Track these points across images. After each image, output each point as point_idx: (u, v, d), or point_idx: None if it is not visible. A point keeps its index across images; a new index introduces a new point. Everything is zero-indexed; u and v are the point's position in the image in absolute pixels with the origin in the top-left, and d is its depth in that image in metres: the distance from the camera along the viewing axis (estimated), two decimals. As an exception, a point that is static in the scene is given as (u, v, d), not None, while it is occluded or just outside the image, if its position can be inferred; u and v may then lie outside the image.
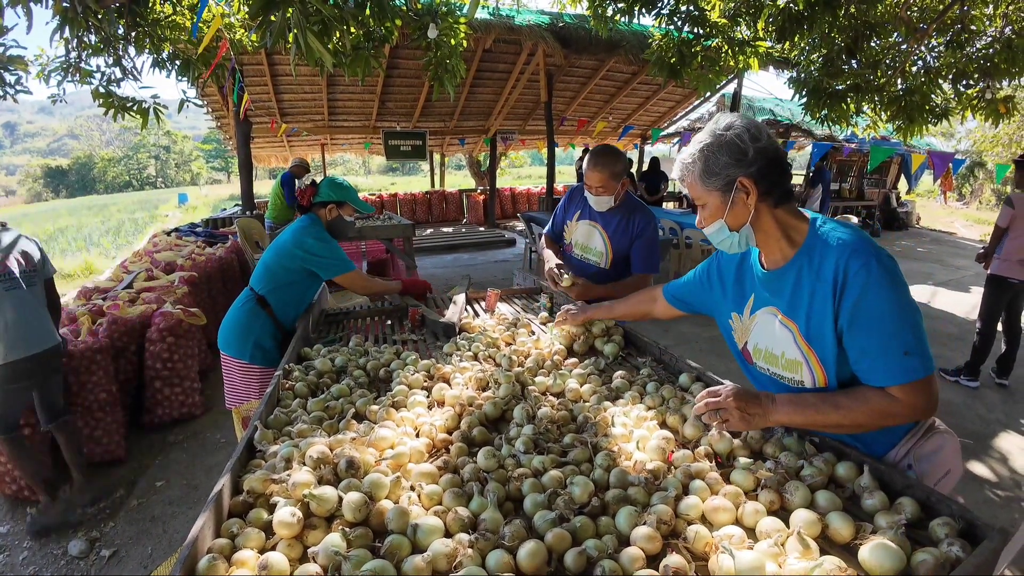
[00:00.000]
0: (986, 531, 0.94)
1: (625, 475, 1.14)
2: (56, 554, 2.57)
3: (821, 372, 1.21)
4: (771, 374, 1.33)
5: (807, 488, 1.07)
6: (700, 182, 1.25)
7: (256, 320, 2.38)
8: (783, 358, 1.28)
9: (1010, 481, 3.12)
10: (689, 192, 1.30)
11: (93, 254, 10.72)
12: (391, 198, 13.56)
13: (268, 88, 9.35)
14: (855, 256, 1.12)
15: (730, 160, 1.19)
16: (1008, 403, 4.13)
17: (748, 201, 1.21)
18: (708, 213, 1.28)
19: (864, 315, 1.11)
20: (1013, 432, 3.67)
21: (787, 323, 1.26)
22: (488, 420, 1.46)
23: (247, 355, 2.36)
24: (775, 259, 1.29)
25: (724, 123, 1.23)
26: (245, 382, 2.41)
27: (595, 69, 10.96)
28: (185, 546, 0.93)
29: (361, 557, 0.90)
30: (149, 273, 4.64)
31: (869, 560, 0.89)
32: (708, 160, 1.22)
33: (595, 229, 2.49)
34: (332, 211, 2.49)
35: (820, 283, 1.18)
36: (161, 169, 47.56)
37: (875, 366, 1.12)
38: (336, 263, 2.42)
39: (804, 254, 1.22)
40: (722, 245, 1.31)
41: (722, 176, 1.21)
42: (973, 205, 22.39)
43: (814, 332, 1.20)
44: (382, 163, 53.53)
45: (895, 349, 1.09)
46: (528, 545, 0.92)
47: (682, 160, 1.28)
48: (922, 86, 4.83)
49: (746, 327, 1.41)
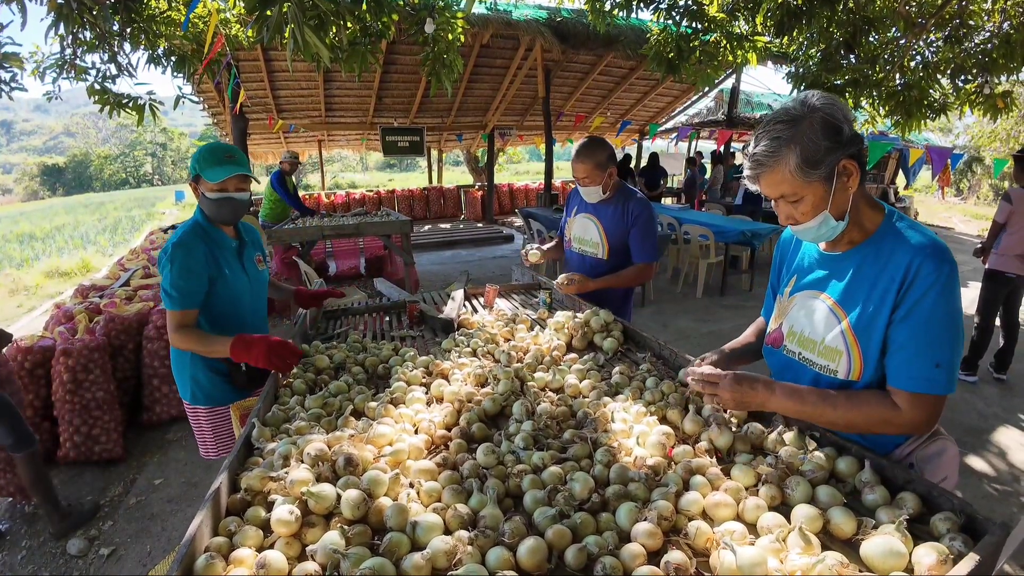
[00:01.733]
0: (987, 526, 0.93)
1: (625, 471, 1.13)
2: (54, 553, 2.57)
3: (859, 365, 1.17)
4: (801, 358, 1.29)
5: (808, 483, 1.06)
6: (798, 174, 1.10)
7: (186, 352, 1.91)
8: (821, 344, 1.23)
9: (1008, 476, 3.13)
10: (772, 191, 1.16)
11: (90, 252, 10.69)
12: (389, 194, 13.53)
13: (265, 84, 9.32)
14: (932, 258, 1.08)
15: (830, 143, 1.08)
16: (1006, 398, 4.13)
17: (850, 184, 1.12)
18: (807, 207, 1.14)
19: (918, 314, 1.09)
20: (1011, 427, 3.68)
21: (837, 311, 1.21)
22: (487, 416, 1.45)
23: (188, 394, 1.99)
24: (837, 244, 1.24)
25: (805, 103, 1.11)
26: (196, 425, 2.05)
27: (593, 64, 10.95)
28: (183, 545, 0.93)
29: (360, 555, 0.89)
30: (146, 271, 4.63)
31: (871, 555, 0.89)
32: (806, 147, 1.08)
33: (590, 221, 2.49)
34: (196, 192, 1.87)
35: (884, 277, 1.13)
36: (158, 166, 47.36)
37: (904, 365, 1.10)
38: (165, 292, 1.78)
39: (872, 244, 1.18)
40: (820, 237, 1.20)
41: (826, 163, 1.09)
42: (971, 200, 22.39)
43: (864, 324, 1.16)
44: (380, 159, 53.44)
45: (929, 357, 1.08)
46: (528, 542, 0.91)
47: (762, 155, 1.12)
48: (920, 81, 4.81)
49: (783, 308, 1.37)
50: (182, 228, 1.85)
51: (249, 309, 2.02)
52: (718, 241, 6.53)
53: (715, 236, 6.46)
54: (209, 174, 1.78)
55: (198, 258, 1.80)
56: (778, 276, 1.47)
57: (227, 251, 1.92)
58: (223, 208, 1.84)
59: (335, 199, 12.59)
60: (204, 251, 1.83)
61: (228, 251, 1.93)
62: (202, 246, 1.83)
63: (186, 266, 1.77)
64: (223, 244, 1.91)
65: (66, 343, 3.12)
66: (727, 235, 6.48)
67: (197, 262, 1.80)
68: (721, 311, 6.12)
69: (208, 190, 1.81)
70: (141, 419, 3.62)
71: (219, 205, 1.83)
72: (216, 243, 1.89)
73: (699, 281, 6.73)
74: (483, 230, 11.43)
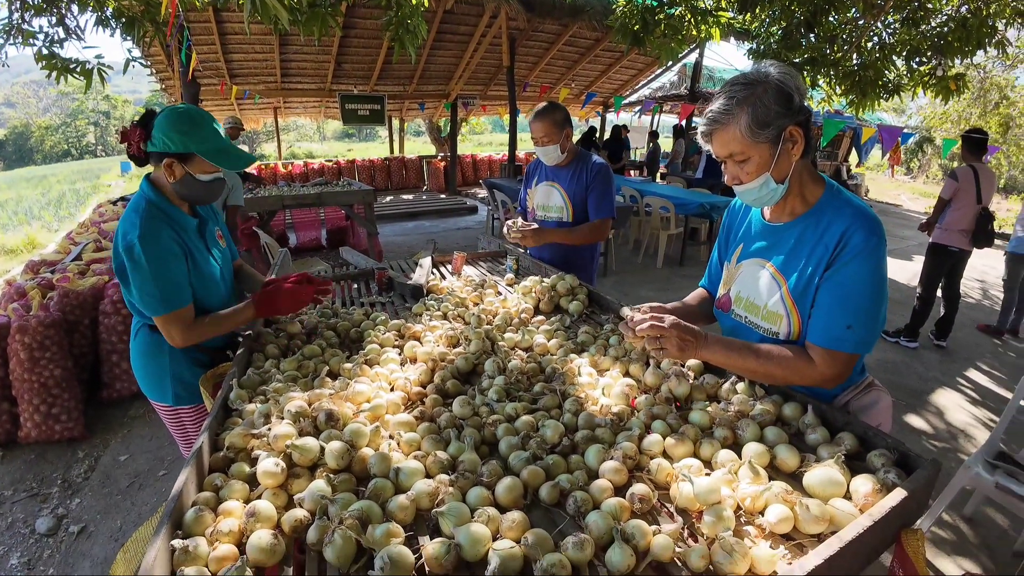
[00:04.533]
0: (919, 462, 1.04)
1: (592, 418, 1.21)
2: (24, 533, 2.52)
3: (798, 327, 1.26)
4: (747, 322, 1.38)
5: (757, 425, 1.17)
6: (747, 134, 1.15)
7: (160, 351, 1.69)
8: (764, 309, 1.32)
9: (946, 433, 3.38)
10: (722, 149, 1.21)
11: (35, 228, 10.11)
12: (349, 164, 13.17)
13: (216, 48, 8.86)
14: (863, 229, 1.16)
15: (780, 109, 1.14)
16: (945, 362, 4.43)
17: (794, 152, 1.19)
18: (752, 167, 1.20)
19: (840, 277, 1.18)
20: (949, 389, 3.95)
21: (778, 277, 1.29)
22: (460, 374, 1.51)
23: (169, 397, 1.74)
24: (781, 214, 1.32)
25: (760, 71, 1.17)
26: (181, 429, 1.84)
27: (558, 34, 10.83)
28: (170, 500, 0.95)
29: (347, 499, 0.94)
30: (98, 244, 4.45)
31: (813, 484, 0.99)
32: (757, 109, 1.14)
33: (552, 188, 2.56)
34: (174, 169, 1.53)
35: (821, 245, 1.21)
36: (101, 136, 44.71)
37: (819, 323, 1.20)
38: (147, 299, 1.50)
39: (812, 215, 1.25)
40: (760, 200, 1.27)
41: (774, 126, 1.15)
42: (920, 179, 23.39)
43: (801, 289, 1.24)
44: (337, 128, 51.68)
45: (843, 318, 1.17)
46: (505, 481, 0.98)
47: (717, 112, 1.18)
48: (876, 62, 4.97)
49: (731, 275, 1.45)
50: (134, 215, 1.51)
51: (224, 292, 1.77)
52: (678, 213, 6.70)
53: (675, 208, 6.62)
54: (219, 156, 1.54)
55: (168, 245, 1.52)
56: (725, 243, 1.55)
57: (189, 231, 1.64)
58: (211, 190, 1.61)
59: (293, 169, 12.19)
60: (170, 235, 1.54)
61: (190, 231, 1.65)
62: (167, 230, 1.54)
63: (160, 258, 1.49)
64: (184, 224, 1.63)
65: (21, 320, 3.01)
66: (687, 207, 6.64)
67: (168, 249, 1.52)
68: (680, 281, 6.32)
69: (201, 171, 1.55)
70: (100, 396, 3.53)
71: (208, 187, 1.59)
72: (177, 224, 1.60)
73: (659, 252, 6.91)
74: (446, 201, 11.33)
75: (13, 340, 3.01)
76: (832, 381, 1.20)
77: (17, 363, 3.01)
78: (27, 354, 2.99)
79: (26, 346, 2.99)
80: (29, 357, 3.00)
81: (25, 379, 3.01)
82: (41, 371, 3.04)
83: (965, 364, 4.41)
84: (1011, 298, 4.85)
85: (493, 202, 7.96)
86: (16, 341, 3.00)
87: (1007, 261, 4.70)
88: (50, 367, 3.07)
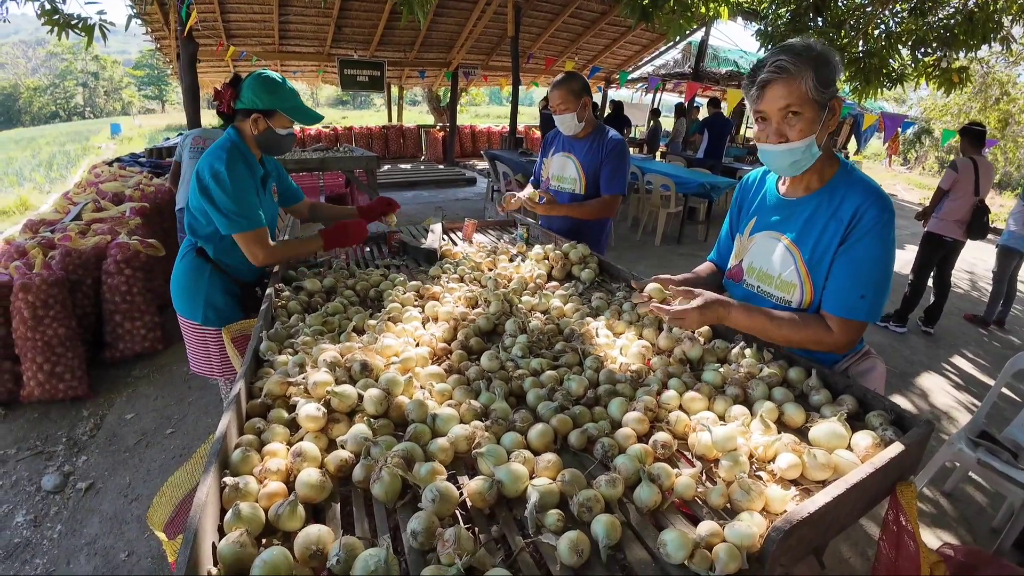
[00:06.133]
0: (914, 421, 1.13)
1: (612, 374, 1.28)
2: (30, 491, 2.51)
3: (811, 295, 1.35)
4: (760, 291, 1.45)
5: (766, 385, 1.24)
6: (812, 90, 1.18)
7: (201, 275, 1.94)
8: (778, 279, 1.39)
9: (929, 414, 3.50)
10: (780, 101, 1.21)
11: (27, 189, 9.98)
12: (346, 131, 12.99)
13: (214, 6, 8.64)
14: (876, 206, 1.24)
15: (832, 79, 1.19)
16: (931, 348, 4.56)
17: (831, 123, 1.25)
18: (803, 124, 1.21)
19: (855, 251, 1.26)
20: (934, 373, 4.09)
21: (792, 249, 1.36)
22: (481, 333, 1.56)
23: (199, 316, 1.97)
24: (797, 189, 1.39)
25: (807, 43, 1.20)
26: (203, 346, 2.05)
27: (564, 5, 10.66)
28: (215, 441, 0.98)
29: (388, 442, 1.00)
30: (96, 204, 4.41)
31: (818, 437, 1.07)
32: (822, 69, 1.18)
33: (568, 159, 2.58)
34: (259, 122, 1.83)
35: (835, 220, 1.29)
36: (89, 98, 43.70)
37: (834, 293, 1.29)
38: (232, 217, 1.77)
39: (826, 192, 1.32)
40: (796, 165, 1.28)
41: (830, 91, 1.20)
42: (916, 170, 23.44)
43: (816, 260, 1.32)
44: (332, 95, 50.68)
45: (855, 288, 1.26)
46: (537, 427, 1.05)
47: (786, 62, 1.18)
48: (882, 50, 4.97)
49: (743, 246, 1.52)
50: (222, 151, 1.78)
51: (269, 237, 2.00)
52: (679, 192, 6.73)
53: (676, 187, 6.65)
54: (296, 113, 1.84)
55: (245, 176, 1.80)
56: (737, 216, 1.61)
57: (257, 178, 1.91)
58: (286, 142, 1.90)
59: (290, 135, 12.01)
60: (246, 171, 1.82)
61: (258, 178, 1.91)
62: (243, 167, 1.81)
63: (243, 185, 1.77)
64: (256, 171, 1.90)
65: (24, 278, 2.99)
66: (688, 186, 6.67)
67: (248, 180, 1.81)
68: (677, 259, 6.38)
69: (279, 126, 1.85)
70: (103, 356, 3.55)
71: (283, 140, 1.89)
72: (252, 168, 1.87)
73: (658, 230, 6.96)
74: (445, 171, 11.26)
75: (16, 298, 3.00)
76: (845, 346, 1.29)
77: (20, 321, 3.00)
78: (30, 312, 2.98)
79: (29, 304, 2.97)
80: (33, 315, 2.99)
81: (28, 337, 3.00)
82: (45, 330, 3.03)
83: (950, 351, 4.53)
84: (999, 290, 4.95)
85: (493, 173, 7.93)
86: (20, 300, 2.98)
87: (998, 254, 4.78)
88: (54, 326, 3.06)
